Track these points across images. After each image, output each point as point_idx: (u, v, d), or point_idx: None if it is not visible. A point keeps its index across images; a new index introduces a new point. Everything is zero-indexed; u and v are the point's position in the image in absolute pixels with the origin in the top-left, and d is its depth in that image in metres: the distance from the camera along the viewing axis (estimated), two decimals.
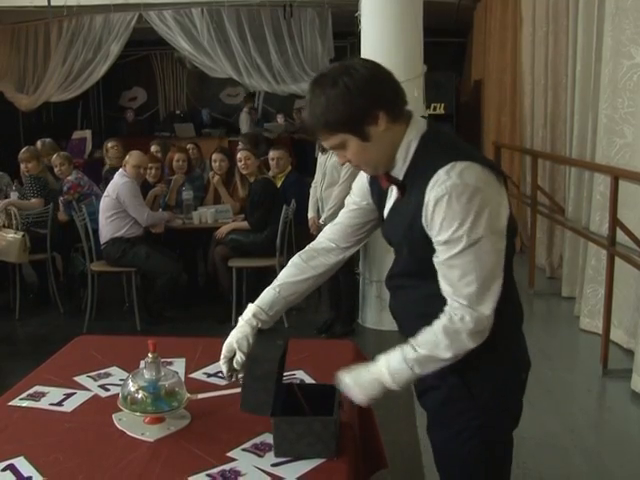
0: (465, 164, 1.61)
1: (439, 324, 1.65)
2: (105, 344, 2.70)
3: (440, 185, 1.60)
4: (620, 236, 4.35)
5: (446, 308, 1.65)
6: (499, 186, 1.66)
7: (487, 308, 1.63)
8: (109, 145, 7.05)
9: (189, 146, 7.42)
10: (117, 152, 6.86)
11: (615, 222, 4.33)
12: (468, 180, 1.59)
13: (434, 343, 1.65)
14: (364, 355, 2.72)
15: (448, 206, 1.59)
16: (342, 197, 5.00)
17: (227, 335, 2.01)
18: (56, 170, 6.40)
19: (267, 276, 6.08)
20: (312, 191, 5.45)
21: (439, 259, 1.65)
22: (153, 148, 7.02)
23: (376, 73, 1.66)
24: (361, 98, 1.61)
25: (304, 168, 9.05)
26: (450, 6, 9.34)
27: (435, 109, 8.13)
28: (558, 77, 6.35)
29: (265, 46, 9.95)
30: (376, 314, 5.42)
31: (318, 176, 5.35)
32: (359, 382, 1.74)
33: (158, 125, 13.61)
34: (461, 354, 1.65)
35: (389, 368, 1.69)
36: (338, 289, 5.37)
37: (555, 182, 6.55)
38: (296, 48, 9.97)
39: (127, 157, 5.70)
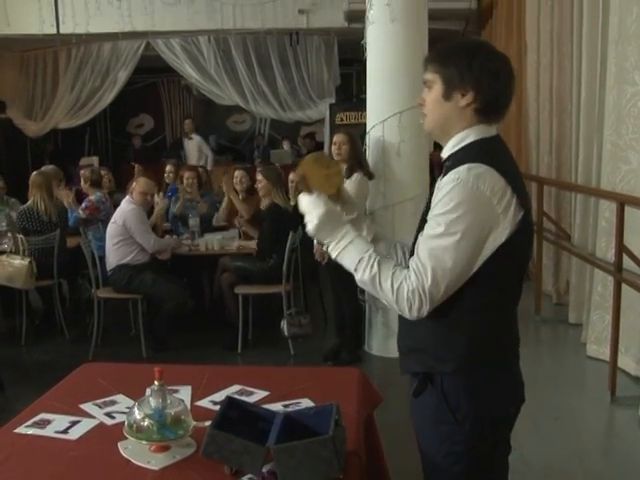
0: (489, 170, 1.69)
1: (399, 276, 1.73)
2: (111, 371, 2.70)
3: (456, 172, 1.70)
4: (627, 262, 4.34)
5: (408, 270, 1.74)
6: (510, 210, 1.70)
7: (430, 301, 1.70)
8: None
9: (200, 168, 7.54)
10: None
11: (621, 248, 4.33)
12: (481, 183, 1.68)
13: (386, 275, 1.74)
14: (370, 382, 2.72)
15: (451, 191, 1.68)
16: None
17: (234, 363, 2.03)
18: (82, 184, 6.51)
19: (273, 303, 6.10)
20: None
21: (423, 233, 1.76)
22: (168, 168, 7.31)
23: (504, 72, 1.80)
24: (474, 72, 1.75)
25: None
26: (455, 34, 9.42)
27: None
28: (563, 104, 6.38)
29: (271, 73, 10.05)
30: (382, 341, 5.41)
31: None
32: (325, 224, 1.84)
33: (165, 151, 13.69)
34: (386, 299, 1.75)
35: (345, 247, 1.81)
36: (344, 316, 5.36)
37: (561, 208, 6.55)
38: (302, 75, 10.07)
39: (134, 184, 5.75)
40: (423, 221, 1.81)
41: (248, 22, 9.43)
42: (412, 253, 1.81)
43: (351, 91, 12.78)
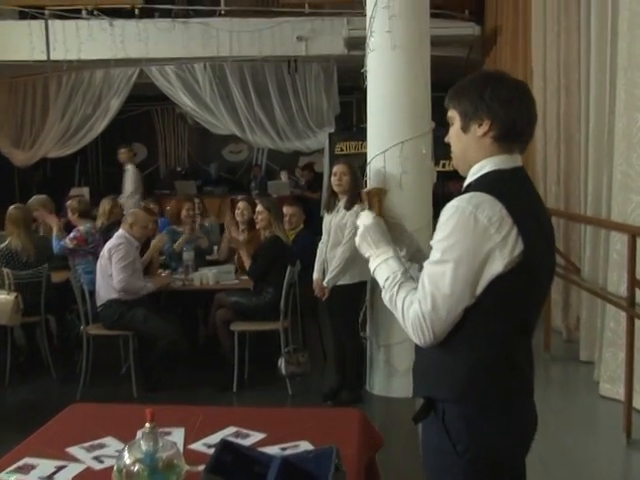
0: (490, 200, 1.75)
1: (412, 300, 1.83)
2: (100, 412, 2.69)
3: (458, 200, 1.79)
4: None
5: (417, 295, 1.83)
6: (508, 241, 1.74)
7: (430, 329, 1.78)
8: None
9: (196, 200, 7.57)
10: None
11: (634, 282, 4.32)
12: (479, 212, 1.74)
13: (401, 298, 1.85)
14: (372, 424, 2.70)
15: (450, 218, 1.77)
16: (346, 258, 5.03)
17: (229, 403, 2.04)
18: (70, 216, 6.50)
19: (270, 340, 6.08)
20: (319, 251, 5.47)
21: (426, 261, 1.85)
22: (146, 203, 7.29)
23: (517, 97, 1.87)
24: (486, 101, 1.85)
25: (309, 228, 9.12)
26: (458, 60, 9.52)
27: (444, 166, 8.11)
28: (571, 132, 6.41)
29: (269, 102, 10.14)
30: (384, 380, 5.38)
31: (324, 236, 5.37)
32: (368, 236, 2.01)
33: (158, 182, 13.75)
34: (400, 323, 1.85)
35: (379, 264, 1.96)
36: (344, 354, 5.34)
37: (570, 240, 6.55)
38: (300, 104, 10.16)
39: (128, 217, 5.76)
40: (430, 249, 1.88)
41: (245, 49, 9.53)
42: None
43: (351, 120, 12.90)
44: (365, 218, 2.05)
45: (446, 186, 9.23)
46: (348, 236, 5.04)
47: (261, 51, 9.56)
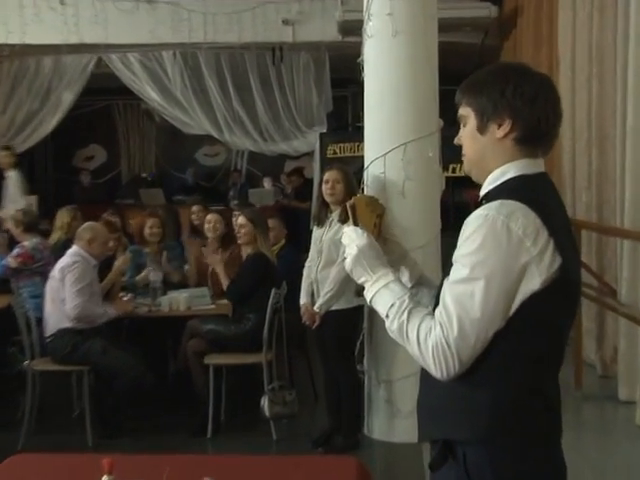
0: (523, 208, 1.78)
1: (428, 327, 1.83)
2: (47, 464, 2.67)
3: (486, 209, 1.81)
4: None
5: (434, 321, 1.83)
6: (545, 255, 1.76)
7: (457, 357, 1.78)
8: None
9: (160, 212, 7.54)
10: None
11: None
12: (512, 222, 1.76)
13: (414, 325, 1.84)
14: (371, 474, 2.69)
15: (478, 229, 1.78)
16: (341, 279, 5.02)
17: (203, 451, 2.04)
18: (13, 230, 6.47)
19: (251, 376, 6.06)
20: (306, 271, 5.45)
21: (447, 279, 1.85)
22: (107, 215, 7.21)
23: (543, 94, 1.90)
24: (508, 98, 1.88)
25: (296, 243, 9.11)
26: (471, 47, 9.57)
27: (454, 171, 7.99)
28: (605, 130, 6.40)
29: (250, 97, 10.19)
30: (386, 423, 5.37)
31: (313, 253, 5.36)
32: (363, 259, 2.02)
33: (120, 190, 13.73)
34: (414, 354, 1.85)
35: (379, 290, 1.95)
36: (338, 392, 5.32)
37: (604, 258, 6.55)
38: (287, 99, 10.21)
39: (85, 232, 5.73)
40: (450, 265, 1.88)
41: (222, 34, 9.57)
42: (437, 302, 1.88)
43: (345, 118, 12.97)
44: (357, 237, 2.05)
45: (457, 194, 9.27)
46: (344, 254, 5.03)
47: (241, 37, 9.60)
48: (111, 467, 1.93)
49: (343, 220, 5.06)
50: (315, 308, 5.20)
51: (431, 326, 1.80)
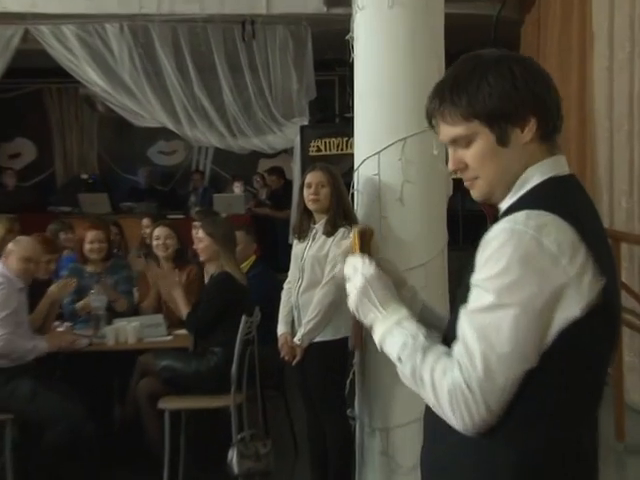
0: (555, 220, 1.77)
1: (444, 369, 1.82)
2: None
3: (510, 221, 1.81)
4: None
5: (453, 360, 1.83)
6: (585, 275, 1.76)
7: (484, 404, 1.77)
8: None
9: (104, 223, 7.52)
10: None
11: None
12: (544, 237, 1.75)
13: (427, 365, 1.85)
14: None
15: (503, 246, 1.77)
16: (327, 304, 5.01)
17: None
18: None
19: (218, 424, 6.03)
20: (284, 295, 5.45)
21: (466, 307, 1.84)
22: (51, 227, 7.15)
23: (547, 76, 1.95)
24: (524, 90, 1.88)
25: (271, 260, 9.10)
26: (485, 20, 9.56)
27: None
28: None
29: (215, 81, 10.21)
30: (382, 479, 5.35)
31: (293, 272, 5.36)
32: (371, 292, 2.03)
33: (54, 196, 13.64)
34: (429, 401, 1.85)
35: (390, 329, 1.95)
36: (324, 442, 5.31)
37: None
38: (260, 84, 10.22)
39: (10, 245, 5.72)
40: (465, 289, 1.88)
41: (180, 4, 9.60)
42: (448, 337, 1.90)
43: (332, 108, 12.98)
44: (364, 267, 2.06)
45: (467, 201, 9.27)
46: (330, 273, 5.04)
47: (203, 7, 9.63)
48: None
49: (329, 232, 5.07)
50: (295, 340, 5.18)
51: (447, 366, 1.80)
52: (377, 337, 1.98)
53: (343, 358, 5.28)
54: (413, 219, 5.20)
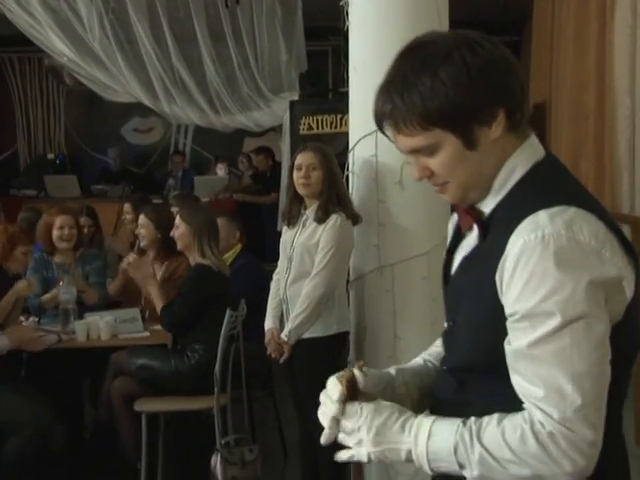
0: (581, 213, 1.77)
1: (515, 428, 1.73)
2: None
3: (536, 231, 1.75)
4: None
5: (524, 410, 1.75)
6: (622, 254, 1.79)
7: (590, 428, 1.70)
8: None
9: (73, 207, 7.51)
10: None
11: None
12: (577, 233, 1.74)
13: (495, 439, 1.75)
14: None
15: (540, 260, 1.73)
16: (318, 296, 5.03)
17: None
18: None
19: (200, 428, 6.05)
20: (273, 287, 5.47)
21: (512, 346, 1.77)
22: (23, 216, 7.16)
23: (505, 54, 1.90)
24: (483, 84, 1.83)
25: (258, 250, 9.10)
26: None
27: None
28: None
29: (195, 51, 10.16)
30: None
31: (282, 262, 5.38)
32: (385, 429, 1.88)
33: (17, 178, 13.60)
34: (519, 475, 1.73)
35: (427, 446, 1.82)
36: (315, 448, 5.26)
37: None
38: (246, 55, 10.19)
39: None
40: (475, 280, 1.87)
41: None
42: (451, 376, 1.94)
43: (325, 81, 12.95)
44: (362, 414, 1.93)
45: None
46: (322, 263, 5.07)
47: None
48: None
49: (320, 219, 5.08)
50: (282, 336, 5.20)
51: (519, 423, 1.74)
52: (424, 463, 1.83)
53: (334, 356, 5.27)
54: (414, 204, 5.20)
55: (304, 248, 5.16)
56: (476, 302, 1.86)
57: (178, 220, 5.83)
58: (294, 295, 5.19)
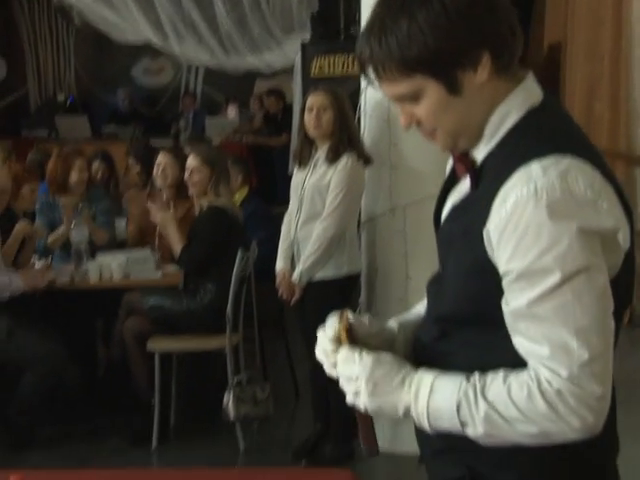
0: (576, 162, 1.69)
1: (522, 387, 1.70)
2: None
3: (528, 184, 1.67)
4: None
5: (530, 367, 1.72)
6: (618, 205, 1.73)
7: (598, 383, 1.67)
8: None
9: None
10: None
11: None
12: (572, 184, 1.66)
13: (502, 397, 1.71)
14: None
15: (534, 216, 1.66)
16: (330, 237, 5.04)
17: (146, 464, 2.06)
18: None
19: (212, 366, 6.09)
20: (284, 227, 5.48)
21: (511, 306, 1.72)
22: (32, 158, 7.11)
23: None
24: (463, 26, 1.73)
25: (269, 193, 9.09)
26: None
27: None
28: None
29: None
30: (389, 428, 5.40)
31: (293, 204, 5.39)
32: (376, 383, 1.83)
33: (28, 119, 13.57)
34: (525, 433, 1.71)
35: (429, 401, 1.77)
36: (326, 387, 5.27)
37: None
38: None
39: None
40: (464, 228, 1.82)
41: None
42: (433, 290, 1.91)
43: (337, 21, 12.84)
44: (359, 362, 1.88)
45: None
46: (334, 204, 5.08)
47: None
48: None
49: (331, 160, 5.07)
50: (294, 277, 5.23)
51: (524, 378, 1.70)
52: (423, 418, 1.79)
53: (345, 297, 5.28)
54: (427, 146, 5.11)
55: (315, 189, 5.16)
56: (464, 252, 1.80)
57: (198, 163, 5.75)
58: (305, 237, 5.20)
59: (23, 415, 5.63)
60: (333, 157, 5.07)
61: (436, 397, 1.76)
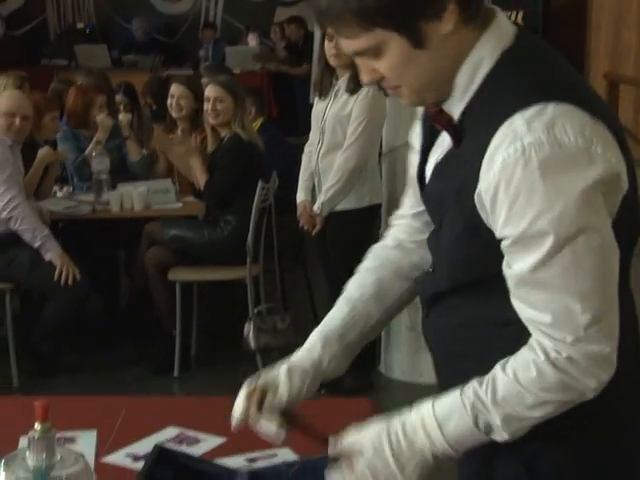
0: (561, 109, 1.58)
1: (528, 368, 1.65)
2: None
3: (514, 143, 1.56)
4: None
5: (532, 342, 1.66)
6: (614, 145, 1.63)
7: (606, 343, 1.63)
8: None
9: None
10: None
11: None
12: (562, 136, 1.55)
13: (504, 383, 1.66)
14: None
15: (523, 179, 1.56)
16: (350, 169, 5.02)
17: (167, 392, 2.05)
18: None
19: (232, 297, 6.11)
20: (305, 159, 5.45)
21: (513, 270, 1.66)
22: (54, 87, 7.13)
23: None
24: None
25: (290, 123, 9.04)
26: None
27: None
28: None
29: None
30: (408, 358, 5.43)
31: (314, 134, 5.35)
32: (396, 461, 1.72)
33: (47, 47, 13.51)
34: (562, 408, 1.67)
35: (442, 426, 1.69)
36: None
37: None
38: None
39: None
40: (455, 189, 1.73)
41: None
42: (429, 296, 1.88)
43: None
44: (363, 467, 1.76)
45: None
46: (355, 134, 5.04)
47: None
48: (46, 412, 1.91)
49: (352, 90, 5.02)
50: (315, 208, 5.22)
51: (526, 358, 1.65)
52: (450, 454, 1.72)
53: (367, 228, 5.29)
54: None
55: (336, 119, 5.13)
56: (457, 212, 1.72)
57: (222, 92, 5.69)
58: (326, 167, 5.18)
59: (47, 342, 5.68)
60: (354, 87, 5.02)
61: (448, 429, 1.69)
